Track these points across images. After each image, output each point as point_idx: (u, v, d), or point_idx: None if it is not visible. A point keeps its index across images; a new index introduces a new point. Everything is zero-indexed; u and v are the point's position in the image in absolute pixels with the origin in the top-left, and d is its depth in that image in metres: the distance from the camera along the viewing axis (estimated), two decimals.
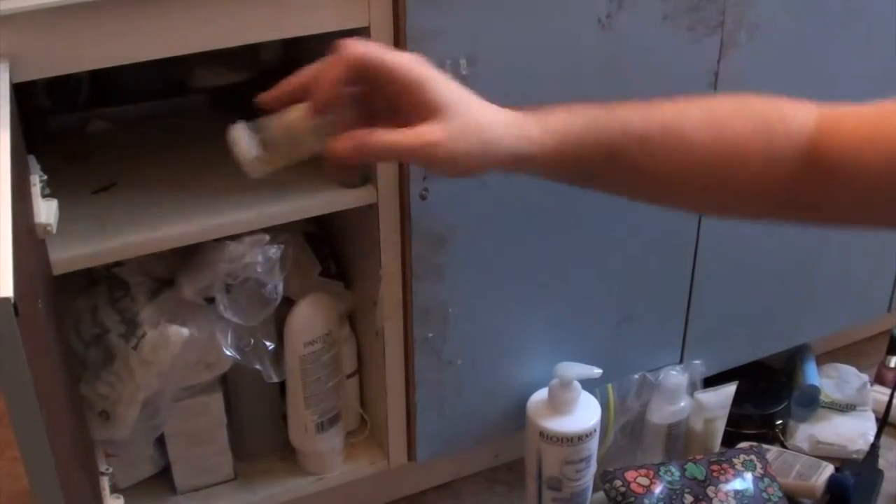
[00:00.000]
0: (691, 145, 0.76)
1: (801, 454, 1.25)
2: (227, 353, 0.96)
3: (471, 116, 0.74)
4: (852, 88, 1.11)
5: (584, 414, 1.09)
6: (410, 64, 0.73)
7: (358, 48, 0.73)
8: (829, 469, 1.20)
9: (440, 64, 0.88)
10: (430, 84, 0.72)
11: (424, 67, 0.73)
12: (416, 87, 0.72)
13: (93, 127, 1.04)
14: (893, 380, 1.34)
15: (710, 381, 1.23)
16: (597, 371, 1.10)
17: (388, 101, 0.73)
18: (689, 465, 1.14)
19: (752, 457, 1.16)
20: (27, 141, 0.76)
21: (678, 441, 1.21)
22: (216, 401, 1.03)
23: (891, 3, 1.10)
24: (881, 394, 1.31)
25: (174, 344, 0.93)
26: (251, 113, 0.94)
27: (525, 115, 0.77)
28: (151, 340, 0.93)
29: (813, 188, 0.75)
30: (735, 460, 1.16)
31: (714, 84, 1.03)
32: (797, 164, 0.74)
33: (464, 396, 1.09)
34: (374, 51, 0.72)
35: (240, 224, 0.90)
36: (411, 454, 1.12)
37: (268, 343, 0.99)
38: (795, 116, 0.74)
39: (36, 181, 0.72)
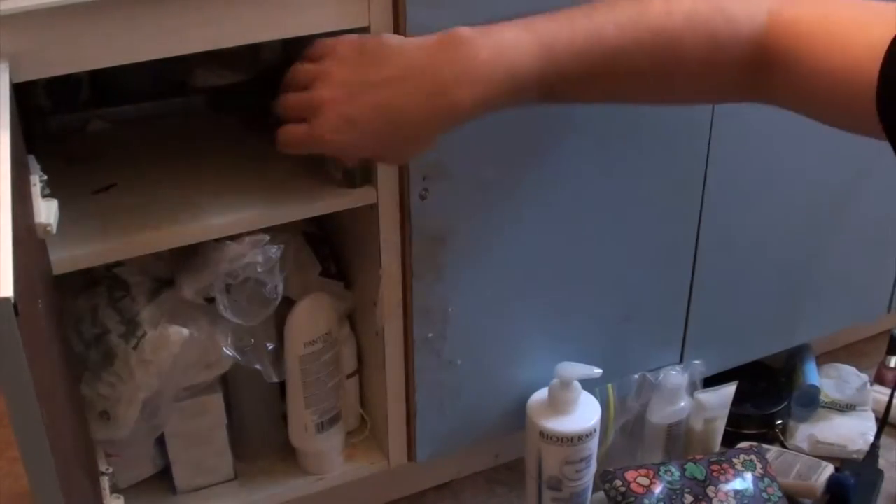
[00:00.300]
0: (639, 69, 0.81)
1: (801, 454, 1.25)
2: (227, 353, 0.96)
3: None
4: None
5: (584, 414, 1.09)
6: None
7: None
8: (829, 469, 1.20)
9: None
10: None
11: None
12: None
13: (93, 127, 1.04)
14: (893, 380, 1.34)
15: (710, 381, 1.23)
16: (597, 371, 1.10)
17: None
18: (689, 465, 1.14)
19: (752, 457, 1.16)
20: (27, 141, 0.76)
21: (678, 441, 1.22)
22: (216, 401, 1.03)
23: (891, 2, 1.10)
24: (881, 394, 1.31)
25: (174, 344, 0.93)
26: (251, 113, 0.94)
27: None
28: (151, 340, 0.93)
29: (763, 80, 0.79)
30: (735, 460, 1.16)
31: None
32: (746, 63, 0.79)
33: (464, 396, 1.09)
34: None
35: (240, 224, 0.90)
36: (411, 454, 1.12)
37: (268, 343, 0.99)
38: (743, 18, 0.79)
39: (36, 181, 0.72)
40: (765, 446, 1.22)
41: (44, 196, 0.72)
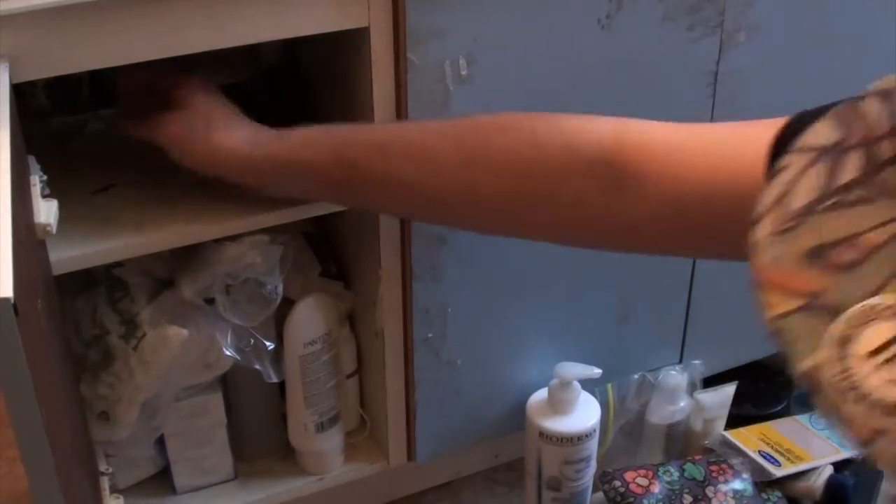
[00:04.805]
0: (436, 157, 0.79)
1: None
2: (227, 353, 0.96)
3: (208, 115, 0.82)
4: (852, 88, 1.11)
5: (584, 414, 1.09)
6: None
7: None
8: (828, 469, 1.20)
9: (440, 64, 0.88)
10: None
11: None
12: None
13: (93, 127, 1.04)
14: None
15: (710, 381, 1.23)
16: (596, 371, 1.10)
17: None
18: (688, 466, 1.14)
19: None
20: (27, 141, 0.76)
21: (677, 441, 1.21)
22: (216, 401, 1.03)
23: (891, 3, 1.10)
24: None
25: (174, 344, 0.93)
26: (251, 113, 0.94)
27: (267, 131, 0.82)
28: (151, 341, 0.93)
29: (610, 201, 0.75)
30: (734, 460, 1.16)
31: (714, 84, 1.03)
32: (589, 178, 0.74)
33: (464, 396, 1.09)
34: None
35: (240, 224, 0.90)
36: (411, 454, 1.12)
37: (268, 343, 0.99)
38: (583, 132, 0.75)
39: (36, 181, 0.72)
40: None
41: (44, 196, 0.72)
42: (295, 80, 1.03)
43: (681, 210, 0.72)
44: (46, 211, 0.70)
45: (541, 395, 1.11)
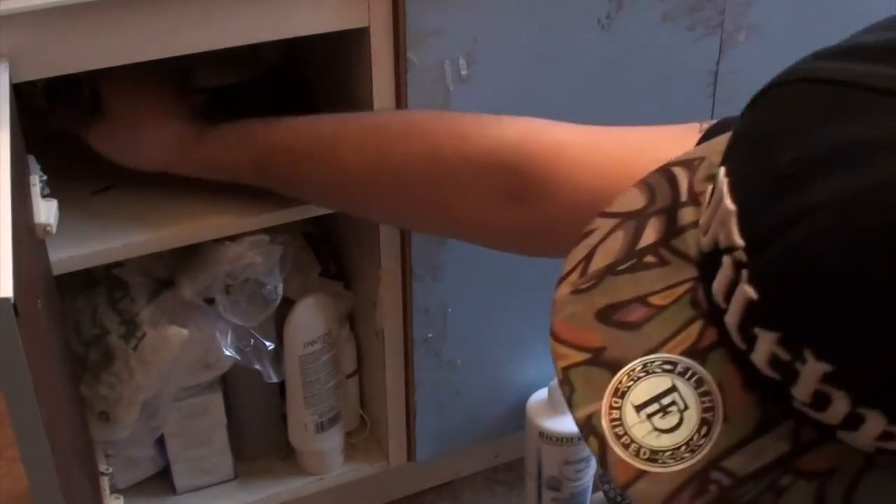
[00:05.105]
0: (341, 164, 0.81)
1: None
2: (227, 353, 0.96)
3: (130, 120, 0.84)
4: None
5: None
6: None
7: None
8: None
9: (440, 64, 0.88)
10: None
11: None
12: None
13: None
14: None
15: None
16: None
17: None
18: None
19: None
20: (27, 141, 0.76)
21: None
22: (216, 401, 1.03)
23: (891, 5, 1.10)
24: None
25: (174, 344, 0.93)
26: (251, 113, 0.94)
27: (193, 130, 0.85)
28: (151, 341, 0.93)
29: (513, 211, 0.75)
30: None
31: (714, 84, 1.03)
32: (493, 180, 0.75)
33: (464, 396, 1.09)
34: None
35: (240, 224, 0.90)
36: (411, 454, 1.12)
37: (268, 343, 0.99)
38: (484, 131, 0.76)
39: (36, 181, 0.72)
40: None
41: (44, 196, 0.72)
42: (295, 80, 1.03)
43: (599, 203, 0.72)
44: (46, 211, 0.70)
45: (541, 395, 1.11)
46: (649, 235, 0.48)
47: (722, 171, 0.43)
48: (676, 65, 1.00)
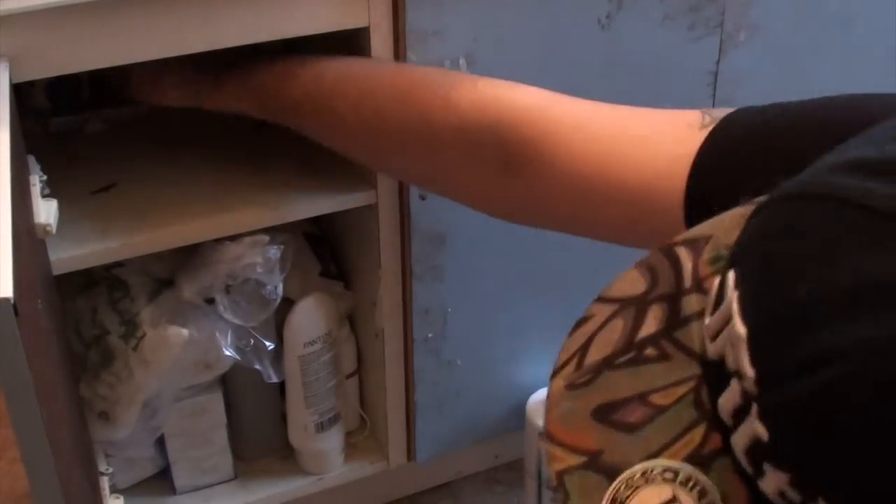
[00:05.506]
0: (340, 121, 0.82)
1: None
2: (227, 353, 0.96)
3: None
4: (852, 89, 1.11)
5: None
6: None
7: None
8: None
9: (440, 64, 0.88)
10: None
11: None
12: None
13: (92, 127, 1.04)
14: None
15: None
16: None
17: None
18: None
19: None
20: (27, 141, 0.76)
21: None
22: (216, 401, 1.03)
23: (891, 4, 1.10)
24: None
25: (174, 344, 0.93)
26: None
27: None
28: (151, 341, 0.93)
29: (504, 183, 0.74)
30: None
31: (714, 84, 1.03)
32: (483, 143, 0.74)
33: (464, 396, 1.09)
34: None
35: (239, 224, 0.90)
36: (411, 454, 1.12)
37: (268, 343, 0.99)
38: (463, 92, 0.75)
39: (36, 181, 0.72)
40: None
41: (44, 196, 0.72)
42: None
43: (582, 196, 0.71)
44: (46, 211, 0.70)
45: (541, 395, 1.11)
46: (650, 325, 0.44)
47: (732, 276, 0.40)
48: (676, 65, 1.00)
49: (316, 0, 0.82)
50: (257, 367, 0.99)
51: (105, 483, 0.91)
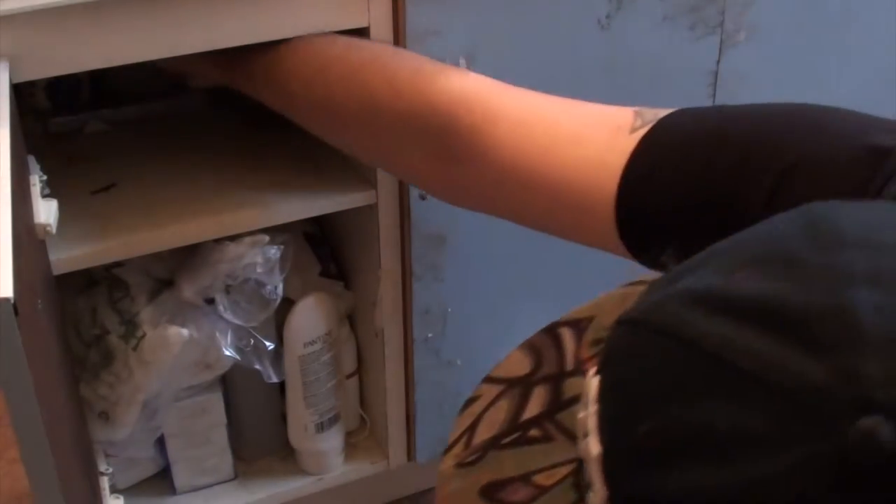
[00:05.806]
0: (293, 99, 0.84)
1: None
2: (227, 353, 0.96)
3: None
4: (852, 89, 1.11)
5: None
6: None
7: None
8: None
9: None
10: None
11: None
12: None
13: (92, 127, 1.04)
14: None
15: None
16: None
17: None
18: None
19: None
20: (27, 141, 0.76)
21: None
22: (216, 401, 1.03)
23: (890, 4, 1.10)
24: None
25: (174, 344, 0.93)
26: (251, 112, 0.94)
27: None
28: (151, 341, 0.93)
29: (445, 170, 0.75)
30: None
31: (714, 84, 1.03)
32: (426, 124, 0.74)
33: (464, 396, 1.09)
34: None
35: (239, 224, 0.90)
36: (411, 454, 1.11)
37: (268, 343, 0.99)
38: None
39: (36, 181, 0.72)
40: None
41: (44, 196, 0.72)
42: None
43: (520, 188, 0.71)
44: (46, 211, 0.70)
45: None
46: (534, 406, 0.46)
47: (595, 384, 0.41)
48: (676, 65, 1.00)
49: (316, 0, 0.82)
50: (257, 367, 0.99)
51: (105, 483, 0.91)
